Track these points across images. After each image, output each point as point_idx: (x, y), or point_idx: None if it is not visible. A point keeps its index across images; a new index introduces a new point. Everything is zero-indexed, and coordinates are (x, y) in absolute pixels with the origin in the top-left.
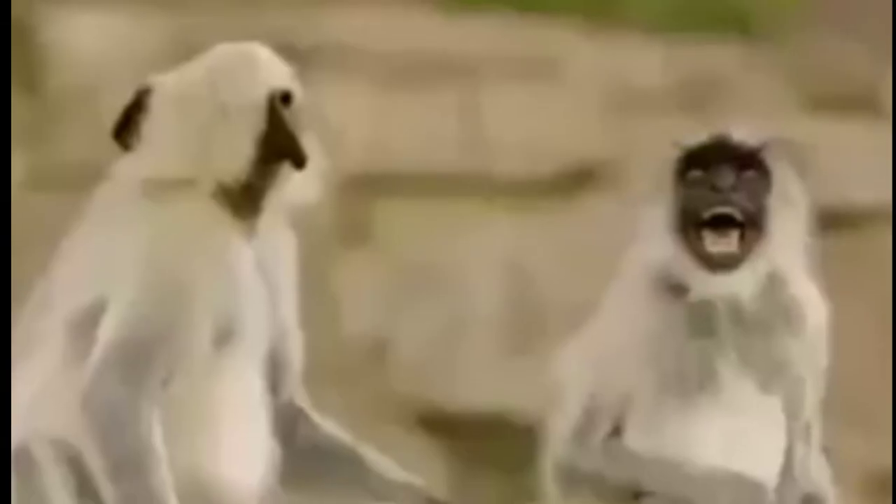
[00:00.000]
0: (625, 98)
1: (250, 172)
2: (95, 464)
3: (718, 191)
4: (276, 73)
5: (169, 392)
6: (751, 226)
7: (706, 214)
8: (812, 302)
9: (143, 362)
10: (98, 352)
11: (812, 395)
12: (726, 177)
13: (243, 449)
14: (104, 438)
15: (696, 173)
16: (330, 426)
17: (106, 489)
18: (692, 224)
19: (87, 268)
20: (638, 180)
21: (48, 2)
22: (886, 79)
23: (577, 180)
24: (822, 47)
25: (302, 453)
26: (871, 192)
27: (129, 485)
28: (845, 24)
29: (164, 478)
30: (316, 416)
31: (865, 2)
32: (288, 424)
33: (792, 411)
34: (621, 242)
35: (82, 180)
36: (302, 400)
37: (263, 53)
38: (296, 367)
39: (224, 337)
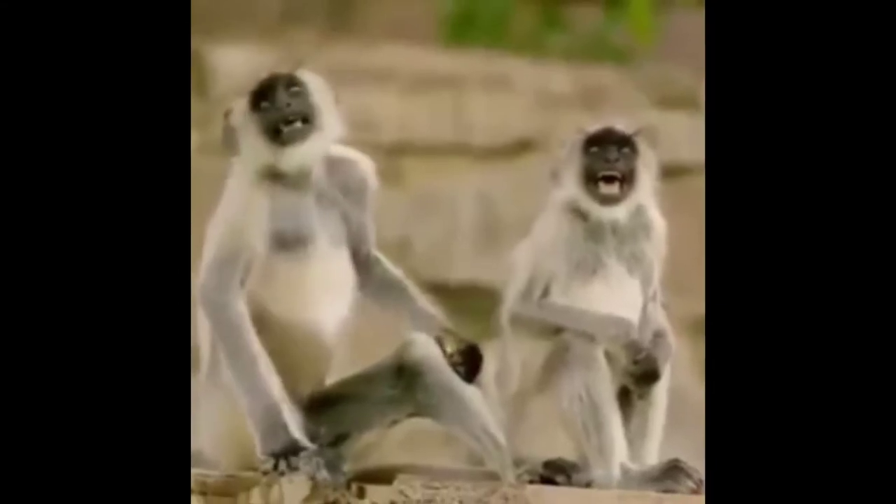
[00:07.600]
0: (548, 99)
1: None
2: (211, 332)
3: (608, 161)
4: None
5: (263, 277)
6: (626, 180)
7: (601, 174)
8: (657, 220)
9: (223, 271)
10: (202, 266)
11: (657, 274)
12: (612, 153)
13: (328, 302)
14: (210, 317)
15: (594, 149)
16: (394, 269)
17: (221, 347)
18: (592, 178)
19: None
20: (556, 149)
21: (212, 39)
22: (702, 85)
23: (520, 147)
24: (663, 67)
25: (374, 281)
26: (691, 154)
27: (229, 343)
28: (677, 52)
29: (251, 337)
30: (385, 261)
31: (688, 37)
32: (366, 266)
33: (645, 285)
34: (545, 185)
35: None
36: (376, 251)
37: None
38: (371, 236)
39: (292, 243)
